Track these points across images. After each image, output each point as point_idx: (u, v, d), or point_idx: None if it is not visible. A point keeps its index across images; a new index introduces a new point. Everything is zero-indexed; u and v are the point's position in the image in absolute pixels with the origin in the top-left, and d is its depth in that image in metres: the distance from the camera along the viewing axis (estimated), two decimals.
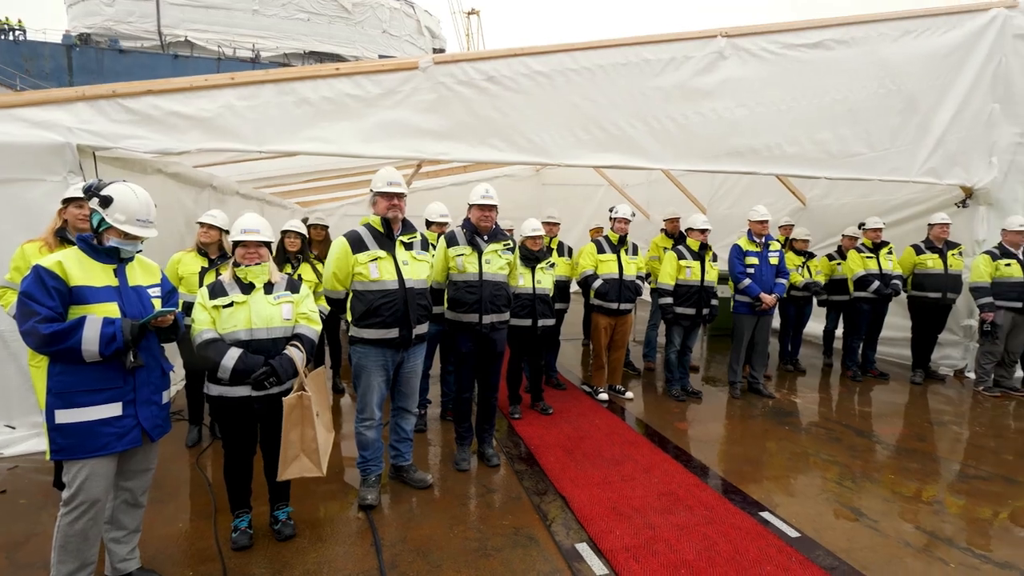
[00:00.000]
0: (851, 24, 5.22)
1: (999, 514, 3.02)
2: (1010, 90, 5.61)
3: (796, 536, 2.71)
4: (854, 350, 5.66)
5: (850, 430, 4.34)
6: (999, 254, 5.07)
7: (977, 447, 4.03)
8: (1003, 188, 5.60)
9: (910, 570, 2.46)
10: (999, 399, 5.06)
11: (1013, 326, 5.04)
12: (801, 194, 7.50)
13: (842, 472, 3.51)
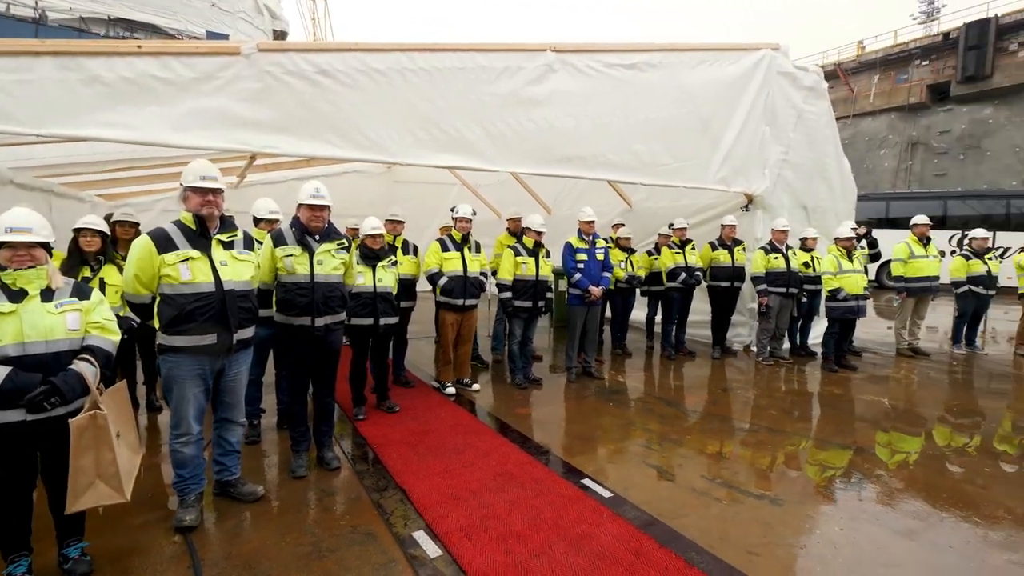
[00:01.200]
0: (659, 51, 6.00)
1: (764, 459, 3.76)
2: (776, 117, 6.90)
3: (609, 496, 3.10)
4: (668, 333, 6.57)
5: (662, 402, 5.05)
6: (770, 249, 6.24)
7: (755, 407, 4.94)
8: (773, 195, 6.88)
9: (692, 509, 2.97)
10: (772, 367, 6.24)
11: (781, 307, 6.26)
12: (628, 198, 8.43)
13: (652, 438, 4.07)
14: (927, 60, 24.39)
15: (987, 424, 4.58)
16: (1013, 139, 21.40)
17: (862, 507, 3.08)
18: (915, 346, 6.90)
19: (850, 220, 7.16)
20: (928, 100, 23.78)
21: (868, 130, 25.38)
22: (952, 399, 5.31)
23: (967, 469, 3.62)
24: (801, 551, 2.61)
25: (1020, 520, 2.90)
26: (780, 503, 3.08)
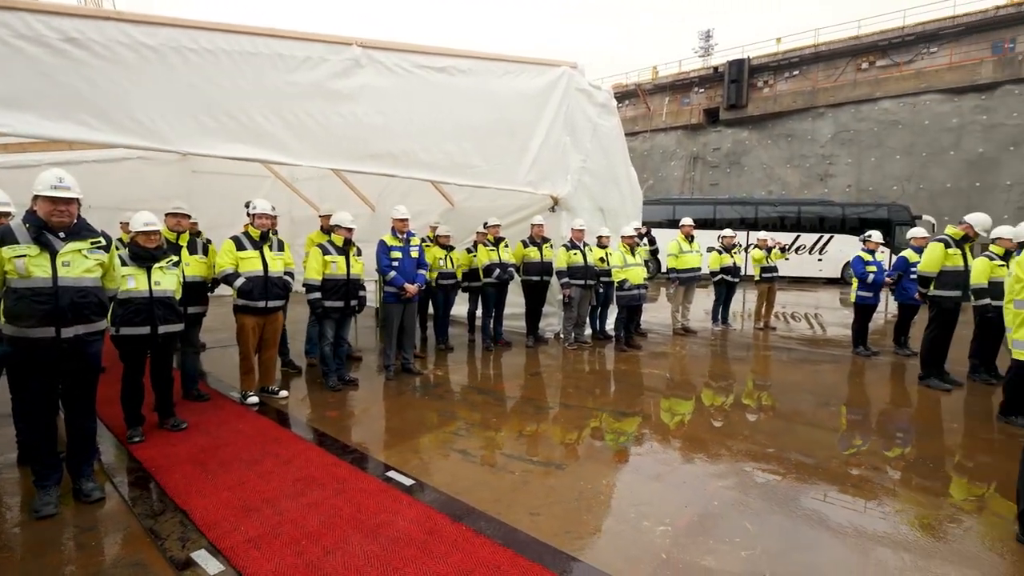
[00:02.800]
0: (468, 58, 6.29)
1: (561, 433, 4.23)
2: (575, 128, 7.71)
3: (411, 483, 3.21)
4: (487, 326, 6.95)
5: (477, 391, 5.35)
6: (570, 246, 6.98)
7: (562, 388, 5.50)
8: (575, 198, 7.68)
9: (487, 484, 3.23)
10: (577, 350, 7.00)
11: (581, 298, 7.05)
12: (450, 197, 8.68)
13: (462, 425, 4.31)
14: (704, 88, 29.31)
15: (737, 385, 5.73)
16: (762, 158, 26.86)
17: (631, 462, 3.66)
18: (687, 325, 8.33)
19: (636, 221, 8.33)
20: (704, 122, 28.60)
21: (662, 144, 29.62)
22: (713, 367, 6.53)
23: (723, 421, 4.52)
24: (574, 504, 3.02)
25: (735, 455, 3.72)
26: (564, 467, 3.51)
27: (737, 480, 3.31)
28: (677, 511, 2.93)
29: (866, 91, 24.39)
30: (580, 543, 2.61)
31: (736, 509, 2.95)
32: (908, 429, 4.47)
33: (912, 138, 23.16)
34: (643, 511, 2.94)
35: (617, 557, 2.51)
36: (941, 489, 3.30)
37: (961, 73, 22.44)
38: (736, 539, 2.65)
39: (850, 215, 17.84)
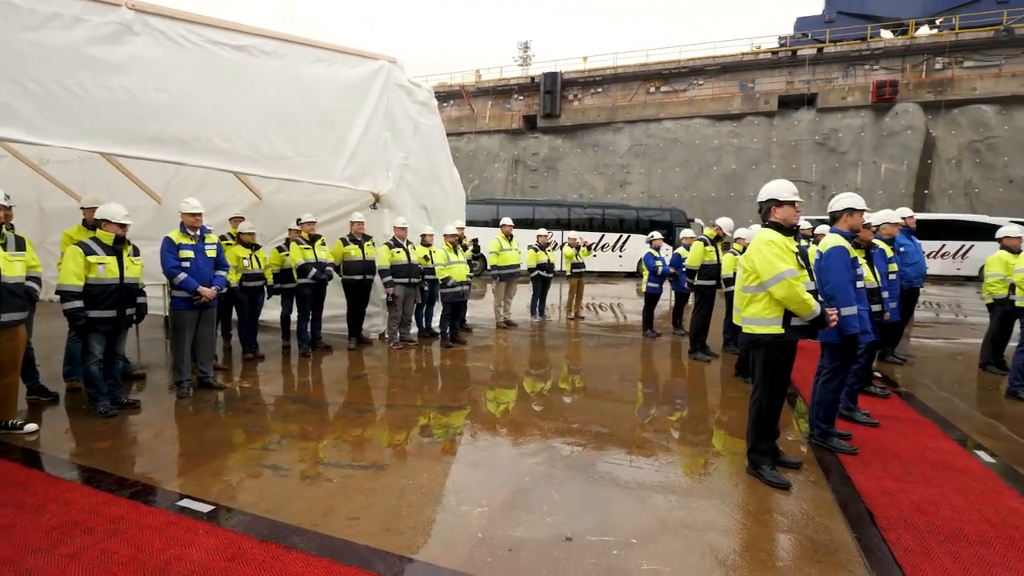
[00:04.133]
0: (272, 39, 5.78)
1: (387, 433, 4.15)
2: (395, 124, 7.61)
3: (209, 510, 2.88)
4: (303, 330, 6.50)
5: (290, 400, 4.98)
6: (393, 244, 6.89)
7: (388, 388, 5.39)
8: (397, 195, 7.59)
9: (301, 497, 3.04)
10: (403, 350, 6.94)
11: (406, 296, 7.01)
12: (257, 190, 7.90)
13: (273, 439, 3.97)
14: (523, 95, 31.20)
15: (554, 371, 6.24)
16: (574, 164, 29.62)
17: (455, 453, 3.77)
18: (508, 319, 8.83)
19: (460, 220, 8.56)
20: (524, 127, 30.51)
21: (486, 146, 30.80)
22: (533, 357, 7.02)
23: (542, 406, 4.87)
24: (395, 502, 3.01)
25: (546, 433, 4.08)
26: (387, 468, 3.48)
27: (547, 456, 3.64)
28: (493, 492, 3.11)
29: (653, 112, 28.51)
30: (399, 539, 2.61)
31: (545, 482, 3.24)
32: (683, 395, 5.40)
33: (687, 154, 27.76)
34: (462, 497, 3.06)
35: (436, 544, 2.59)
36: (702, 440, 4.06)
37: (719, 104, 27.58)
38: (544, 508, 2.92)
39: (643, 217, 20.72)
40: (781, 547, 2.63)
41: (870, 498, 3.01)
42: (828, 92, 26.15)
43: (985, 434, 4.22)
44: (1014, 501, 3.02)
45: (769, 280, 3.07)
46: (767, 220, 3.30)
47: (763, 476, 3.21)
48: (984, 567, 2.38)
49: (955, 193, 24.56)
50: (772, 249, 3.10)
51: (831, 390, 3.68)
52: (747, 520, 2.86)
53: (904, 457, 3.60)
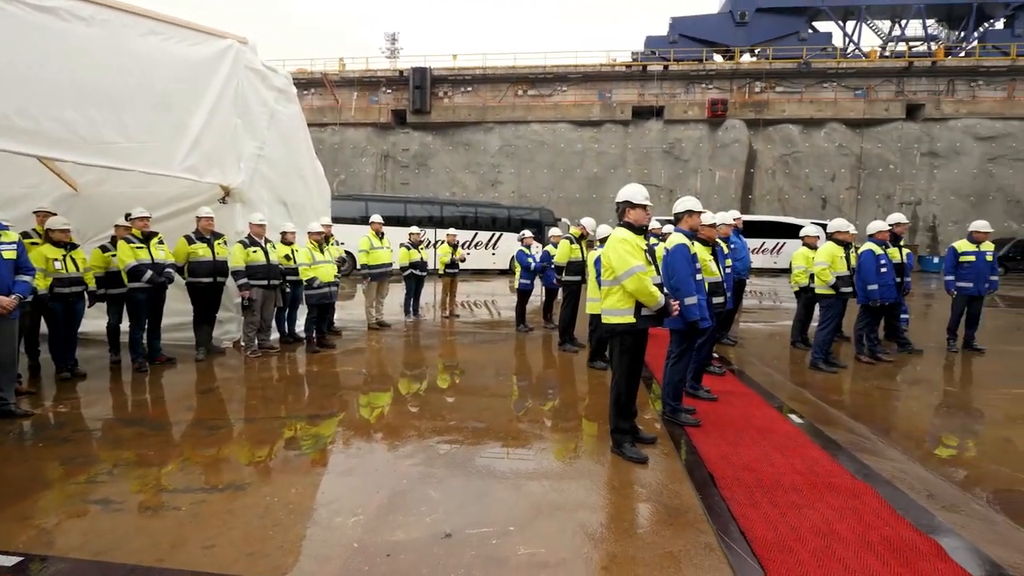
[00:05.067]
0: (89, 2, 4.96)
1: (247, 450, 3.78)
2: (248, 111, 6.95)
3: (15, 562, 2.39)
4: (137, 341, 5.66)
5: (122, 423, 4.32)
6: (249, 243, 6.29)
7: (245, 401, 4.90)
8: (252, 189, 6.94)
9: (143, 531, 2.66)
10: (262, 358, 6.38)
11: (264, 299, 6.45)
12: (71, 179, 6.71)
13: (102, 469, 3.41)
14: (391, 89, 30.33)
15: (430, 370, 6.16)
16: (445, 162, 29.55)
17: (326, 464, 3.55)
18: (381, 320, 8.56)
19: (326, 216, 8.09)
20: (393, 122, 29.70)
21: (353, 139, 29.45)
22: (408, 357, 6.88)
23: (419, 407, 4.77)
24: (259, 523, 2.76)
25: (423, 433, 4.03)
26: (247, 487, 3.17)
27: (424, 456, 3.61)
28: (369, 498, 3.00)
29: (522, 114, 29.51)
30: (265, 561, 2.41)
31: (423, 482, 3.21)
32: (555, 385, 5.67)
33: (554, 157, 29.20)
34: (335, 508, 2.91)
35: (308, 561, 2.43)
36: (572, 426, 4.31)
37: (581, 110, 29.41)
38: (423, 508, 2.88)
39: (514, 216, 21.39)
40: (641, 515, 2.90)
41: (711, 462, 3.44)
42: (673, 106, 29.24)
43: (795, 400, 5.06)
44: (816, 453, 3.66)
45: (622, 274, 3.35)
46: (621, 220, 3.61)
47: (624, 453, 3.51)
48: (795, 508, 2.86)
49: (771, 198, 28.96)
50: (625, 247, 3.39)
51: (678, 371, 4.14)
52: (612, 495, 3.10)
53: (737, 425, 4.18)
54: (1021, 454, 3.85)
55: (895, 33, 34.18)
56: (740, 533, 2.62)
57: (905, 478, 3.34)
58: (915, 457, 3.73)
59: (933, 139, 27.98)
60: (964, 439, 4.29)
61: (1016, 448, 3.97)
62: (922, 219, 28.24)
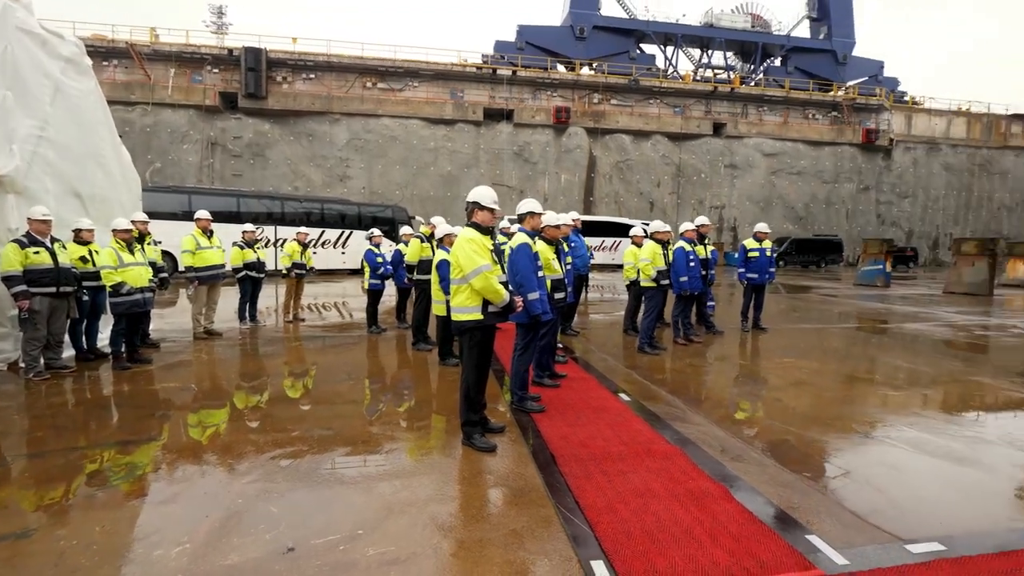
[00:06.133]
0: None
1: (31, 493, 3.13)
2: (23, 82, 5.73)
3: None
4: None
5: None
6: (28, 242, 5.21)
7: (24, 434, 4.05)
8: (31, 178, 5.75)
9: None
10: (48, 380, 5.32)
11: (52, 310, 5.38)
12: None
13: None
14: (218, 68, 27.15)
15: (272, 379, 5.66)
16: (286, 153, 27.34)
17: (141, 495, 3.11)
18: (210, 328, 7.68)
19: (138, 212, 7.02)
20: (221, 106, 26.64)
21: (170, 122, 25.77)
22: (246, 368, 6.26)
23: (259, 420, 4.36)
24: (52, 572, 2.34)
25: (262, 448, 3.74)
26: (33, 534, 2.66)
27: (263, 471, 3.36)
28: (196, 524, 2.72)
29: (372, 107, 28.49)
30: None
31: (261, 499, 2.99)
32: (410, 385, 5.63)
33: (406, 153, 28.72)
34: (154, 541, 2.58)
35: None
36: (426, 424, 4.35)
37: (434, 108, 29.34)
38: (261, 526, 2.70)
39: (365, 213, 20.62)
40: (490, 501, 3.05)
41: (552, 443, 3.74)
42: (522, 110, 30.62)
43: (625, 380, 5.69)
44: (639, 425, 4.18)
45: (470, 273, 3.48)
46: (470, 220, 3.74)
47: (475, 444, 3.65)
48: (621, 474, 3.25)
49: (609, 200, 31.92)
50: (472, 246, 3.52)
51: (524, 362, 4.41)
52: (463, 485, 3.21)
53: (576, 407, 4.58)
54: (788, 410, 4.82)
55: (704, 61, 39.88)
56: (575, 502, 2.90)
57: (706, 438, 3.98)
58: (714, 420, 4.45)
59: (733, 153, 33.26)
60: (750, 402, 5.22)
61: (785, 406, 4.95)
62: (727, 221, 33.43)
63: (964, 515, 2.92)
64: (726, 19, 38.82)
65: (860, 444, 3.99)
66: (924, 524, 2.80)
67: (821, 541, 2.59)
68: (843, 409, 4.83)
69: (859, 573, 2.34)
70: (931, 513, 2.94)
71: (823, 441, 4.01)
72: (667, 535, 2.59)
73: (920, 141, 36.54)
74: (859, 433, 4.20)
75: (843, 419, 4.52)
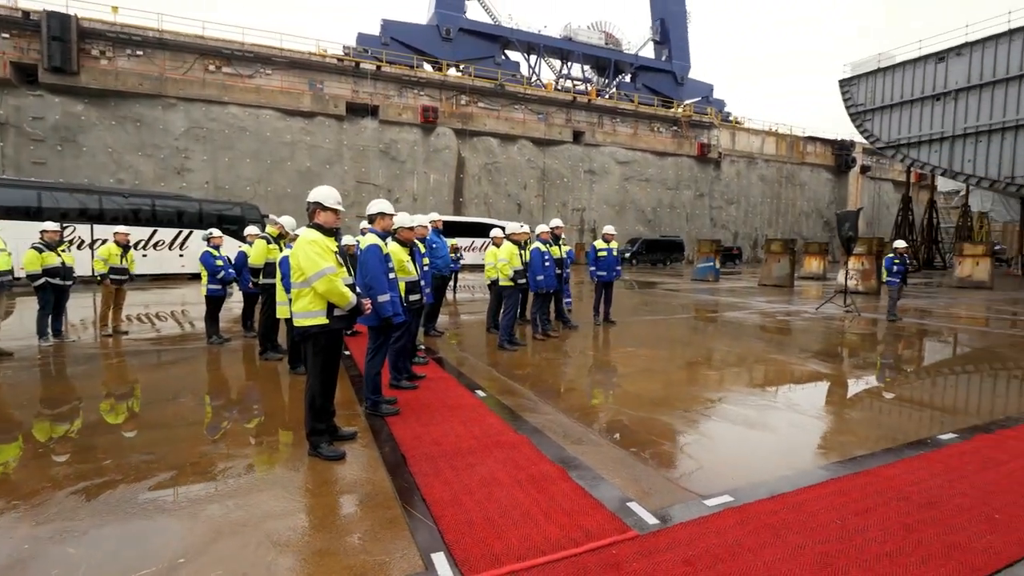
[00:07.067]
0: None
1: None
2: None
3: None
4: None
5: None
6: None
7: None
8: None
9: None
10: None
11: None
12: None
13: None
14: (8, 33, 22.54)
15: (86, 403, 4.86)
16: (107, 140, 23.58)
17: None
18: None
19: None
20: (16, 80, 22.18)
21: None
22: (47, 393, 5.31)
23: (67, 453, 3.69)
24: None
25: (61, 484, 3.23)
26: None
27: (60, 509, 2.90)
28: None
29: (216, 93, 25.72)
30: None
31: (57, 541, 2.59)
32: (257, 398, 5.22)
33: (258, 145, 26.42)
34: None
35: None
36: (272, 440, 4.07)
37: (290, 98, 27.36)
38: (53, 572, 2.34)
39: (208, 211, 18.56)
40: (334, 510, 2.96)
41: (404, 444, 3.74)
42: (388, 107, 29.85)
43: (483, 377, 5.87)
44: (492, 419, 4.35)
45: (312, 276, 3.36)
46: (312, 221, 3.59)
47: (322, 454, 3.52)
48: (469, 467, 3.37)
49: (479, 202, 32.44)
50: (314, 248, 3.40)
51: (375, 365, 4.35)
52: (307, 498, 3.08)
53: (432, 407, 4.63)
54: (625, 394, 5.35)
55: (564, 72, 42.33)
56: (422, 499, 2.95)
57: (552, 426, 4.27)
58: (562, 409, 4.79)
59: (591, 160, 35.78)
60: (595, 389, 5.70)
61: (623, 391, 5.49)
62: (587, 223, 35.86)
63: (750, 469, 3.51)
64: (583, 34, 41.67)
65: (681, 419, 4.58)
66: (720, 480, 3.32)
67: (639, 506, 2.94)
68: (674, 390, 5.50)
69: (665, 529, 2.71)
70: (726, 471, 3.48)
71: (652, 419, 4.53)
72: (506, 519, 2.75)
73: (742, 155, 42.62)
74: (681, 409, 4.82)
75: (672, 399, 5.14)
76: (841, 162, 46.80)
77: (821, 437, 4.28)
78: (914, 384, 6.02)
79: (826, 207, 46.28)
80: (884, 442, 4.02)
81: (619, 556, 2.45)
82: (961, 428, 4.36)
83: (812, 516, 2.84)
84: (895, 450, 3.85)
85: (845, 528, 2.73)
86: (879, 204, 49.27)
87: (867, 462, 3.61)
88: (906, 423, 4.58)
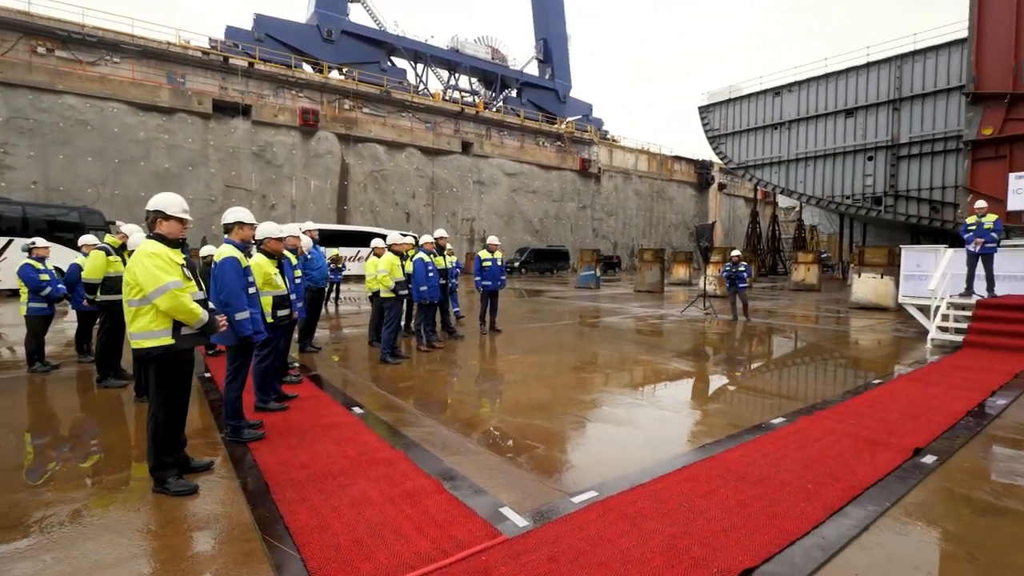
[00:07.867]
0: None
1: None
2: None
3: None
4: None
5: None
6: None
7: None
8: None
9: None
10: None
11: None
12: None
13: None
14: None
15: None
16: None
17: None
18: None
19: None
20: None
21: None
22: None
23: None
24: None
25: None
26: None
27: None
28: None
29: (47, 79, 22.25)
30: None
31: None
32: (97, 433, 4.52)
33: (103, 142, 23.25)
34: None
35: None
36: (112, 478, 3.56)
37: (144, 91, 24.45)
38: None
39: (36, 216, 15.87)
40: (182, 551, 2.67)
41: (268, 472, 3.49)
42: (262, 107, 27.87)
43: (363, 393, 5.67)
44: (368, 436, 4.21)
45: (153, 292, 3.02)
46: (153, 231, 3.24)
47: (169, 489, 3.16)
48: (339, 488, 3.22)
49: (364, 210, 31.38)
50: (156, 261, 3.06)
51: (235, 389, 4.01)
52: (147, 540, 2.75)
53: (303, 428, 4.37)
54: (507, 402, 5.47)
55: (452, 83, 42.58)
56: (285, 528, 2.77)
57: (432, 439, 4.24)
58: (442, 421, 4.77)
59: (480, 171, 36.28)
60: (479, 398, 5.76)
61: (506, 398, 5.61)
62: (477, 232, 36.22)
63: (614, 464, 3.77)
64: (470, 47, 42.32)
65: (558, 422, 4.78)
66: (587, 477, 3.52)
67: (510, 510, 3.01)
68: (556, 394, 5.72)
69: (534, 529, 2.81)
70: (593, 467, 3.70)
71: (531, 424, 4.67)
72: (376, 538, 2.67)
73: (619, 171, 45.86)
74: (559, 413, 5.03)
75: (552, 404, 5.35)
76: (702, 179, 52.32)
77: (679, 429, 4.72)
78: (756, 376, 6.86)
79: (691, 219, 51.34)
80: (730, 429, 4.53)
81: (488, 562, 2.50)
82: (788, 412, 5.05)
83: (664, 502, 3.11)
84: (736, 436, 4.35)
85: (691, 510, 3.03)
86: (734, 218, 55.71)
87: (713, 448, 4.05)
88: (748, 411, 5.21)
